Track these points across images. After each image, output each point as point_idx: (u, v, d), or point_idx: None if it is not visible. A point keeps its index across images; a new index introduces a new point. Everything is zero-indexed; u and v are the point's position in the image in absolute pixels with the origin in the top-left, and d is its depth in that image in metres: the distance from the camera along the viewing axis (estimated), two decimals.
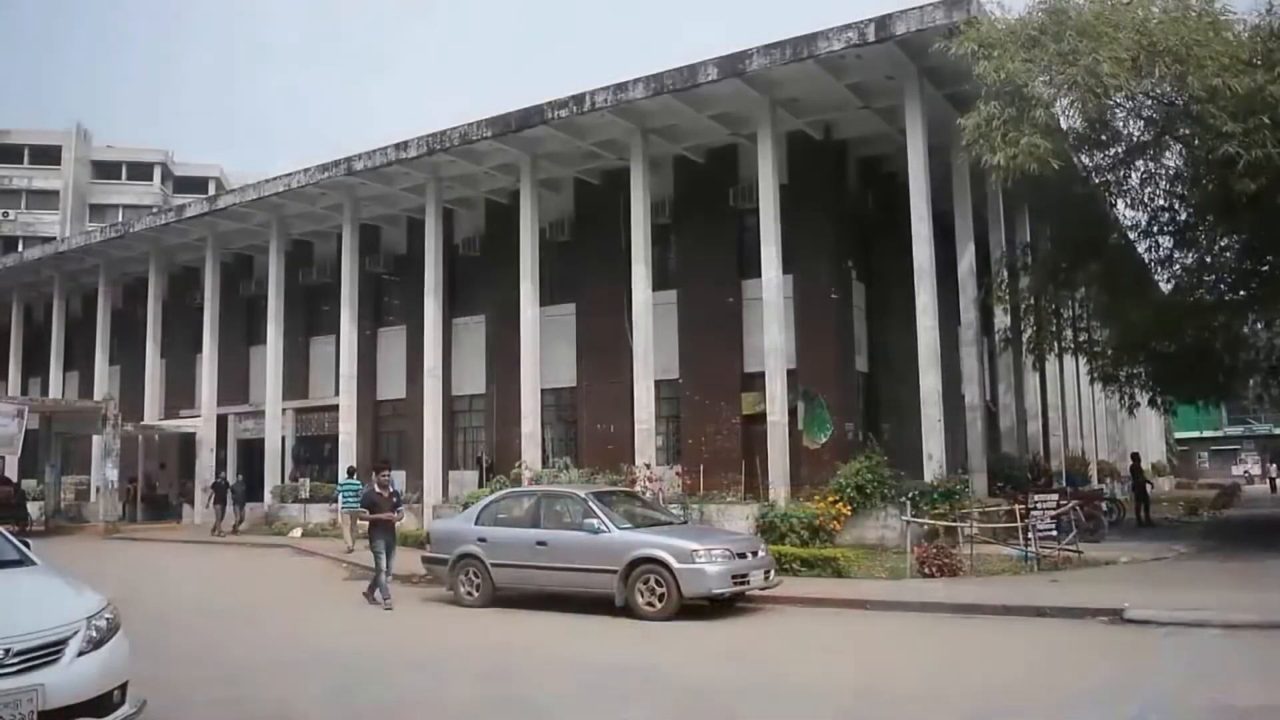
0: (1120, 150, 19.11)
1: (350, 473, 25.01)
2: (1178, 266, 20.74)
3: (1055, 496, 17.42)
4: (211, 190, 59.00)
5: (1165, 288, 21.81)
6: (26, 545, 7.23)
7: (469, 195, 28.76)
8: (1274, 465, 59.24)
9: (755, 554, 13.37)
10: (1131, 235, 21.79)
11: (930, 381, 19.80)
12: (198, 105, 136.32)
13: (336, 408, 29.26)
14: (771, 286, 21.35)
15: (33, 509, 32.50)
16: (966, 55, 16.52)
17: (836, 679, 9.06)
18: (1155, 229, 20.65)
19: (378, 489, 14.83)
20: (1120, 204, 20.71)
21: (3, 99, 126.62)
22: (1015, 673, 9.20)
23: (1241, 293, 20.06)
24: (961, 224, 22.40)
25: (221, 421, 33.06)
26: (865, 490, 19.19)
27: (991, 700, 8.08)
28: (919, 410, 19.96)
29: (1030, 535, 15.87)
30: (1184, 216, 19.94)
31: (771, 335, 21.24)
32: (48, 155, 69.17)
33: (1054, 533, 16.20)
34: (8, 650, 5.57)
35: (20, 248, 50.51)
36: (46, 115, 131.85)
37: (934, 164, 20.83)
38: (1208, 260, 20.16)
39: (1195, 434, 70.83)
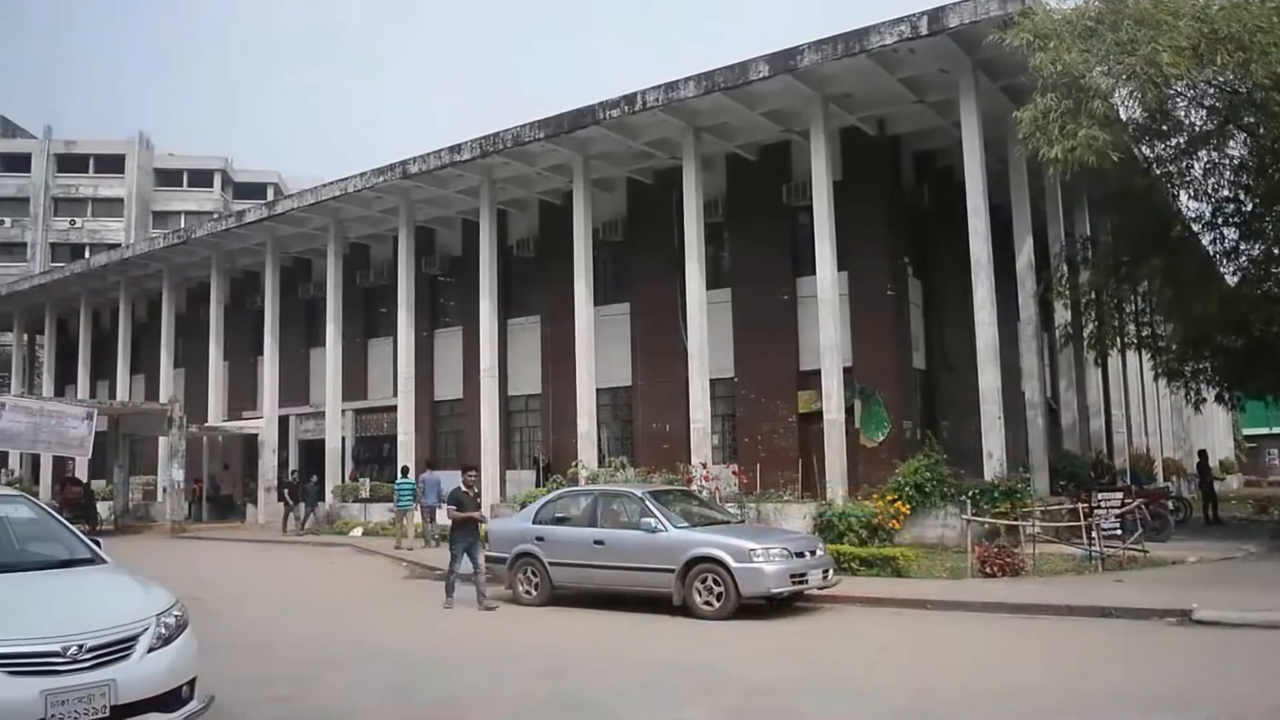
0: (1182, 140, 18.74)
1: (404, 472, 25.48)
2: (1244, 258, 20.32)
3: (1120, 495, 17.12)
4: (270, 195, 59.95)
5: (1231, 280, 21.34)
6: (98, 544, 7.38)
7: (522, 196, 28.92)
8: None
9: (813, 553, 13.31)
10: (1195, 227, 21.33)
11: (989, 378, 19.56)
12: (250, 111, 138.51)
13: (395, 408, 29.58)
14: (826, 284, 21.22)
15: (102, 509, 33.20)
16: (1022, 47, 16.29)
17: (895, 679, 8.98)
18: (1220, 220, 20.26)
19: (464, 488, 14.64)
20: (1183, 195, 20.36)
21: (63, 109, 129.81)
22: (1079, 674, 9.05)
23: None
24: (1019, 218, 22.08)
25: (283, 422, 33.61)
26: (924, 489, 19.01)
27: (1055, 702, 7.97)
28: (978, 407, 19.75)
29: (1094, 534, 15.60)
30: (1250, 207, 19.52)
31: (827, 333, 21.11)
32: (112, 164, 70.78)
33: (1119, 532, 15.93)
34: (81, 646, 5.69)
35: (87, 254, 51.69)
36: (105, 124, 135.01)
37: (990, 157, 20.57)
38: (1275, 251, 19.70)
39: (1264, 430, 69.07)
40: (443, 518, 24.69)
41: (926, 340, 24.84)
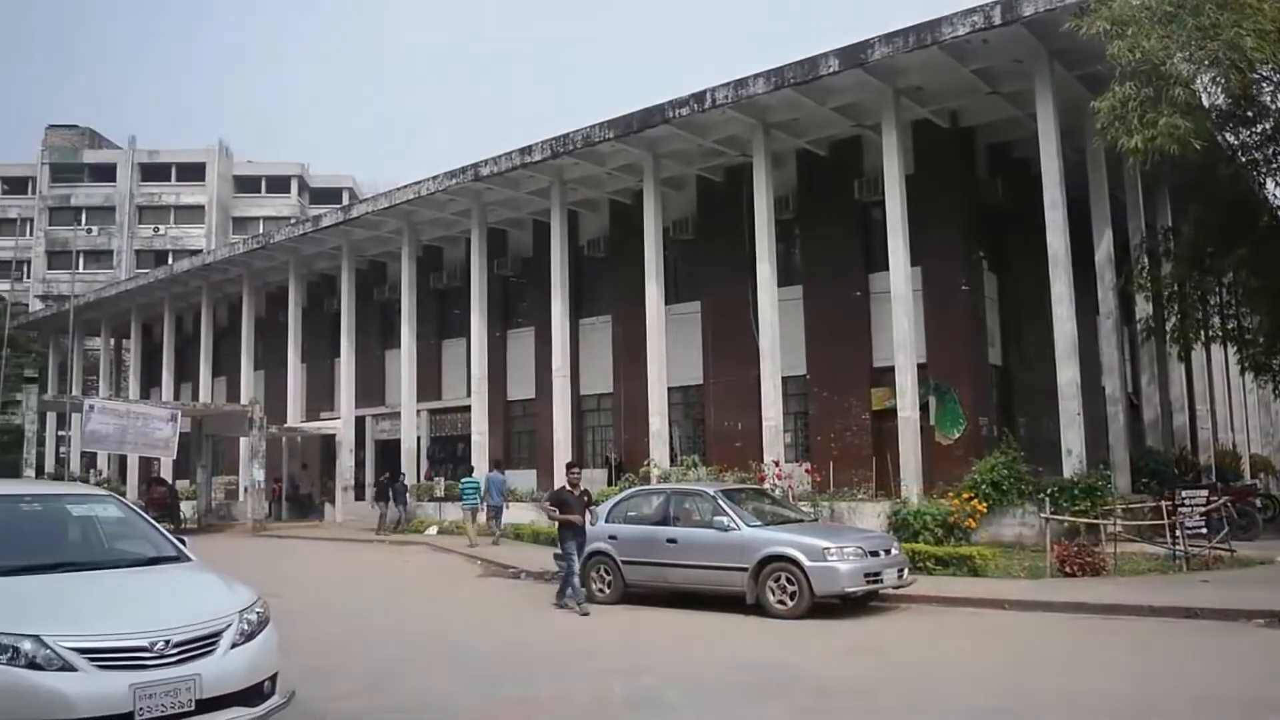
0: (1268, 126, 18.20)
1: (469, 471, 25.89)
2: None
3: (1205, 492, 16.62)
4: (345, 200, 60.93)
5: None
6: (182, 542, 7.56)
7: (592, 196, 29.05)
8: None
9: (888, 552, 13.19)
10: None
11: (1068, 373, 19.18)
12: (325, 118, 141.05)
13: (468, 408, 29.93)
14: (899, 279, 20.99)
15: (186, 508, 34.08)
16: (1099, 34, 15.89)
17: (972, 680, 8.86)
18: None
19: (568, 487, 14.32)
20: (1270, 183, 19.74)
21: (143, 119, 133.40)
22: (1162, 677, 8.85)
23: None
24: (1098, 210, 21.61)
25: (359, 423, 34.18)
26: (1001, 486, 18.75)
27: (1136, 705, 7.80)
28: (1056, 404, 19.37)
29: (1178, 533, 15.23)
30: None
31: (900, 329, 20.88)
32: (193, 172, 72.59)
33: (1204, 530, 15.51)
34: (168, 641, 5.83)
35: (170, 260, 53.02)
36: (183, 133, 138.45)
37: (1067, 148, 20.16)
38: None
39: None
40: (509, 516, 25.21)
41: (1002, 335, 24.42)
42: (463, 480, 25.95)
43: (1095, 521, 16.23)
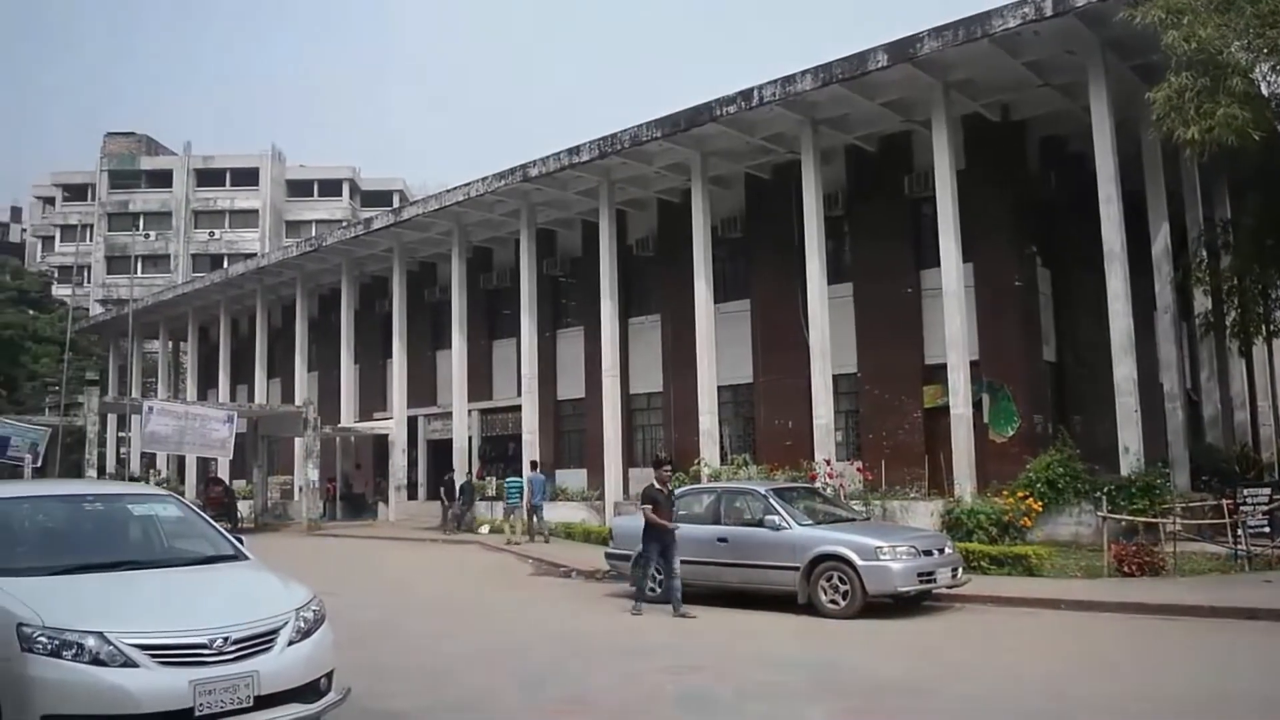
0: None
1: (518, 470, 26.53)
2: None
3: (1268, 490, 16.27)
4: (395, 203, 61.51)
5: None
6: (240, 541, 7.68)
7: (640, 196, 29.08)
8: None
9: (941, 551, 13.08)
10: None
11: (1124, 370, 18.88)
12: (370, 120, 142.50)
13: (519, 408, 30.11)
14: (951, 276, 20.80)
15: (242, 507, 34.54)
16: (1153, 24, 15.60)
17: (1026, 680, 8.76)
18: None
19: (657, 485, 13.71)
20: None
21: (197, 126, 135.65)
22: (1222, 679, 8.69)
23: None
24: (1154, 203, 21.25)
25: (411, 423, 34.51)
26: (1057, 485, 18.53)
27: (1195, 707, 7.67)
28: (1112, 401, 19.07)
29: (1240, 532, 14.95)
30: None
31: (952, 326, 20.69)
32: (247, 177, 73.68)
33: (1267, 529, 15.22)
34: (226, 638, 5.93)
35: (225, 264, 53.84)
36: (236, 138, 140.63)
37: (1121, 140, 19.81)
38: None
39: None
40: (560, 514, 25.34)
41: (1057, 331, 24.10)
42: (507, 480, 26.26)
43: (1154, 520, 15.97)
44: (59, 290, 64.70)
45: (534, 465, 26.86)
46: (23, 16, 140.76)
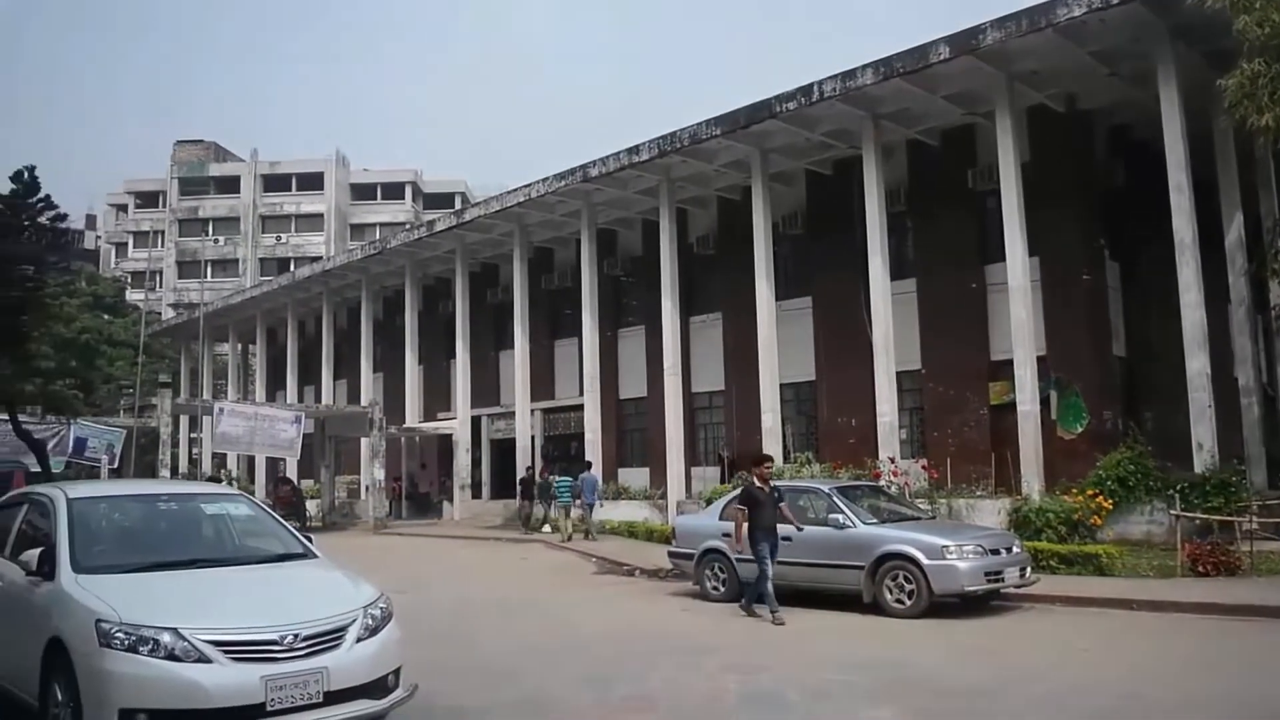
0: None
1: (562, 471, 27.34)
2: None
3: None
4: (457, 204, 62.07)
5: None
6: (309, 540, 7.81)
7: (700, 194, 29.04)
8: None
9: (1009, 550, 12.90)
10: None
11: (1197, 364, 18.43)
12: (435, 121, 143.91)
13: (581, 407, 30.24)
14: (1017, 270, 20.49)
15: (310, 507, 35.12)
16: (1224, 8, 15.22)
17: (1097, 682, 8.61)
18: None
19: (757, 483, 13.16)
20: None
21: (265, 131, 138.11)
22: None
23: None
24: (1226, 192, 20.73)
25: (475, 423, 34.82)
26: (1127, 483, 18.16)
27: (1270, 710, 7.46)
28: (1185, 396, 18.63)
29: None
30: None
31: (1019, 321, 20.38)
32: (312, 182, 74.96)
33: None
34: (296, 635, 6.06)
35: (292, 268, 54.75)
36: (302, 142, 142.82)
37: (1191, 129, 19.31)
38: None
39: None
40: (621, 513, 25.41)
41: (1126, 326, 23.62)
42: (557, 480, 26.51)
43: (1229, 519, 15.56)
44: (132, 295, 66.16)
45: (588, 466, 27.05)
46: (93, 29, 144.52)
